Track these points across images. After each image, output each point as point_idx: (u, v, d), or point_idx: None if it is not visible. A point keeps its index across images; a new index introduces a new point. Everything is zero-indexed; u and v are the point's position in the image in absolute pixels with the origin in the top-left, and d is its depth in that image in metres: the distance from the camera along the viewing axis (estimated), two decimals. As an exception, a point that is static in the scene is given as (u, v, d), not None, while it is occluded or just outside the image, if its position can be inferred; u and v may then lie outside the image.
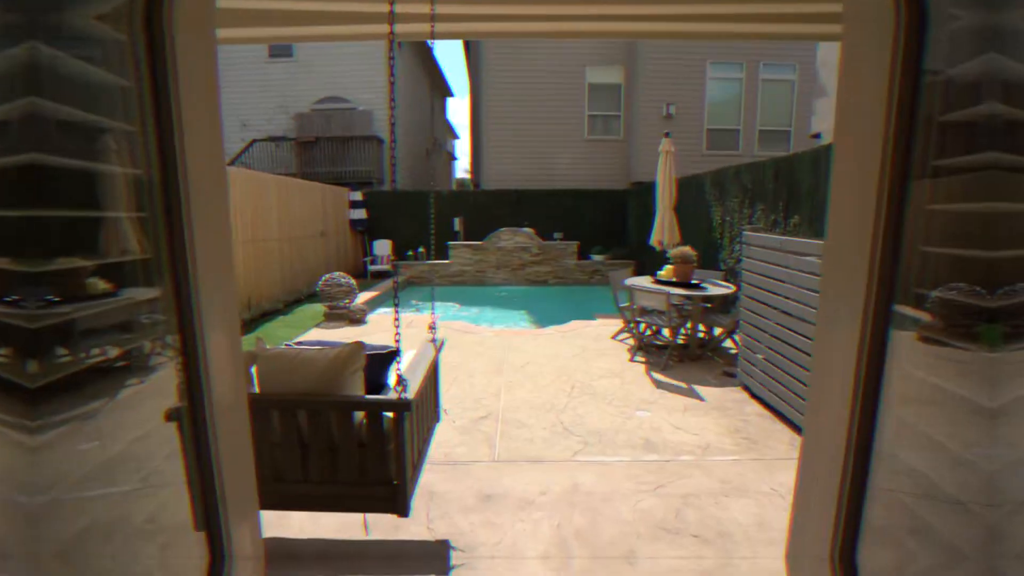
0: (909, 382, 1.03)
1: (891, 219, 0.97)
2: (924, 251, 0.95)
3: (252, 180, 7.58)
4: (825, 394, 1.17)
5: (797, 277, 3.43)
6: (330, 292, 6.87)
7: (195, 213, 1.02)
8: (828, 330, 1.16)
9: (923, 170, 0.94)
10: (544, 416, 3.74)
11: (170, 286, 1.01)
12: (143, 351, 1.07)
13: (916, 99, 0.94)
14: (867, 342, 1.01)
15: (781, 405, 3.63)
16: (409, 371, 2.02)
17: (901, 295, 0.97)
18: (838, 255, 1.15)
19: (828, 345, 1.16)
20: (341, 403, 1.66)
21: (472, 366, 4.90)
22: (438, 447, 3.25)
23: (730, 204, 6.74)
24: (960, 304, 0.87)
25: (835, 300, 1.17)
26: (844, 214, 1.12)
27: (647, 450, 3.21)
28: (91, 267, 0.87)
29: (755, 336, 4.07)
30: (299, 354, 1.72)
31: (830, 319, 1.16)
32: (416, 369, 2.05)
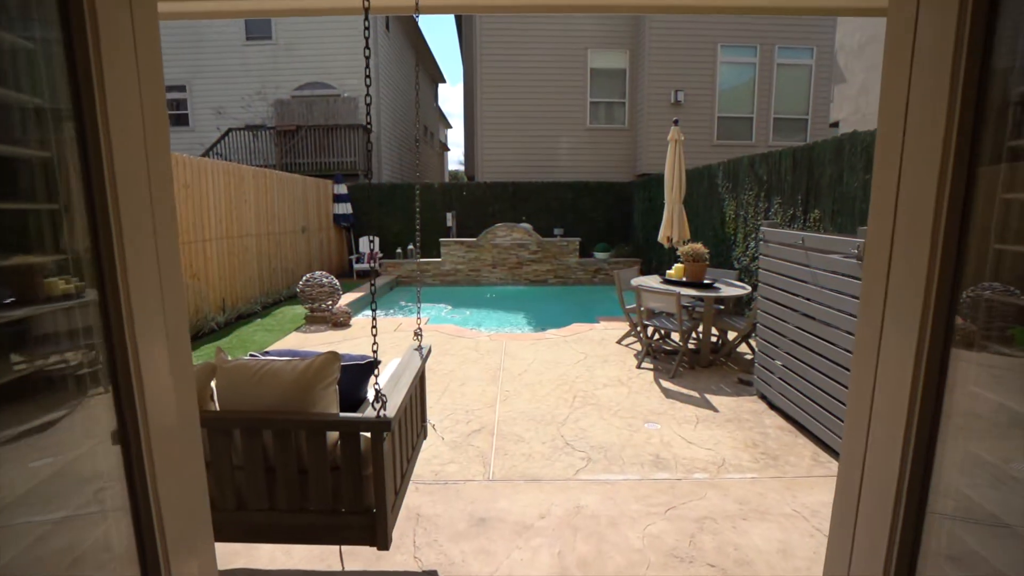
0: (975, 400, 0.93)
1: (955, 212, 0.87)
2: (999, 249, 0.85)
3: (226, 172, 7.45)
4: (873, 411, 1.07)
5: (820, 277, 3.34)
6: (311, 293, 6.75)
7: (124, 204, 0.91)
8: (870, 337, 1.06)
9: (997, 155, 0.84)
10: (543, 429, 3.64)
11: (94, 290, 0.91)
12: (69, 363, 0.96)
13: (986, 75, 0.85)
14: (925, 353, 0.91)
15: (803, 417, 3.54)
16: (391, 383, 1.91)
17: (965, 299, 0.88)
18: (881, 254, 1.05)
19: (872, 356, 1.06)
20: (311, 422, 1.55)
21: (465, 374, 4.80)
22: (427, 464, 3.15)
23: (744, 197, 6.65)
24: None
25: (877, 306, 1.06)
26: (893, 208, 1.01)
27: (657, 467, 3.11)
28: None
29: (773, 341, 3.98)
30: (264, 366, 1.61)
31: (874, 326, 1.06)
32: (399, 381, 1.94)
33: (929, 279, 0.89)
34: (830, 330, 3.24)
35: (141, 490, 1.01)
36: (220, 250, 7.27)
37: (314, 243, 10.81)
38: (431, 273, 11.06)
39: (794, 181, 5.62)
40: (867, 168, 4.54)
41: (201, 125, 14.39)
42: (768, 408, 4.00)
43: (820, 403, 3.34)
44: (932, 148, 0.91)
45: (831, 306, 3.23)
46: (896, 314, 0.97)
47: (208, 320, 6.67)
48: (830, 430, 3.21)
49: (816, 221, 5.23)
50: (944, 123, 0.90)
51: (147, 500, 1.01)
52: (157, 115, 1.07)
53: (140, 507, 1.01)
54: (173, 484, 1.08)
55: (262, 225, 8.55)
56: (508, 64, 13.00)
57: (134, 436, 0.96)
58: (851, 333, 3.00)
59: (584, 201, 12.39)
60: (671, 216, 6.33)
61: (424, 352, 2.37)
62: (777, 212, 5.87)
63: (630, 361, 5.16)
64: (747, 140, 12.84)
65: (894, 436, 0.97)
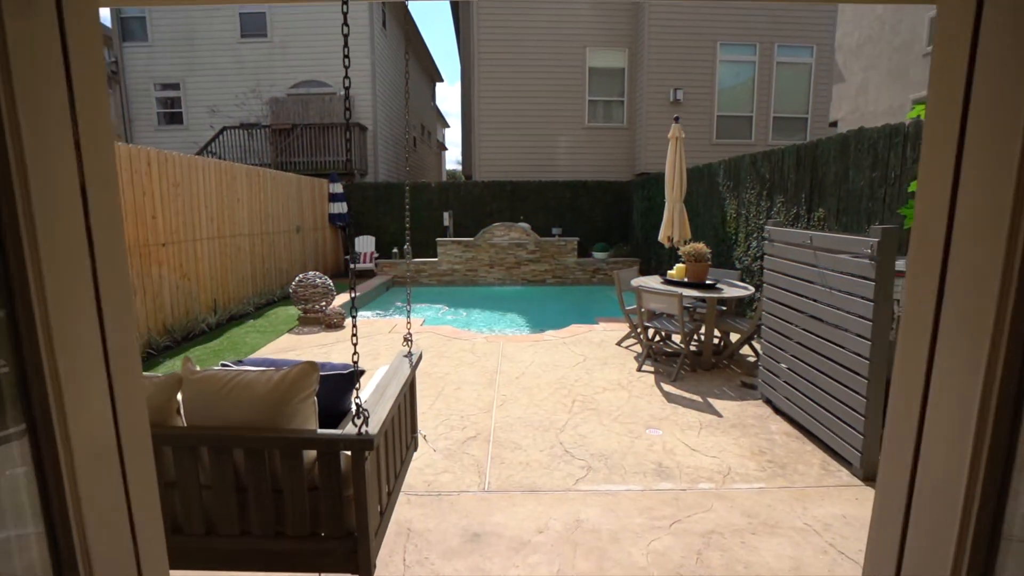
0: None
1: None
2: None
3: (218, 170, 7.29)
4: (925, 431, 0.93)
5: (829, 278, 3.20)
6: (304, 294, 6.60)
7: (38, 203, 0.77)
8: (915, 348, 0.92)
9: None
10: (541, 436, 3.50)
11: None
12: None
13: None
14: (1000, 368, 0.77)
15: (810, 422, 3.41)
16: (376, 394, 1.77)
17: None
18: (931, 252, 0.91)
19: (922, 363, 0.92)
20: (286, 440, 1.41)
21: (460, 377, 4.65)
22: (419, 473, 3.00)
23: (745, 196, 6.52)
24: None
25: (920, 315, 0.92)
26: (947, 208, 0.87)
27: (660, 476, 2.97)
28: None
29: (778, 344, 3.85)
30: (234, 377, 1.47)
31: (922, 336, 0.91)
32: (385, 391, 1.80)
33: (1006, 280, 0.75)
34: (839, 333, 3.11)
35: (61, 522, 0.86)
36: (212, 250, 7.11)
37: (309, 243, 10.65)
38: (427, 273, 10.91)
39: (797, 179, 5.49)
40: (874, 166, 4.41)
41: (195, 124, 14.21)
42: (773, 413, 3.87)
43: (828, 408, 3.21)
44: (1008, 134, 0.77)
45: (840, 308, 3.10)
46: (958, 320, 0.83)
47: (199, 321, 6.51)
48: (840, 437, 3.07)
49: (820, 220, 5.10)
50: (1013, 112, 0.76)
51: (68, 533, 0.87)
52: (92, 96, 0.92)
53: (60, 542, 0.87)
54: (107, 511, 0.94)
55: (255, 224, 8.39)
56: (506, 61, 12.85)
57: (51, 464, 0.82)
58: (863, 336, 2.87)
59: (582, 200, 12.25)
60: (671, 215, 6.20)
61: (414, 358, 2.23)
62: (780, 211, 5.73)
63: (630, 364, 5.02)
64: (747, 139, 12.72)
65: (957, 458, 0.84)
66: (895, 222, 4.16)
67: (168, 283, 6.14)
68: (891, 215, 4.24)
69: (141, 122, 14.31)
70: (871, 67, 19.58)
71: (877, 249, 2.74)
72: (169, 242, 6.19)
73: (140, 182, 5.70)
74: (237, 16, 13.86)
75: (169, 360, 5.38)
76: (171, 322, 6.15)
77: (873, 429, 2.85)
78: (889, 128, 4.27)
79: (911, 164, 4.02)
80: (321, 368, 1.82)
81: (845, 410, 3.02)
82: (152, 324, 5.82)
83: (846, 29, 20.01)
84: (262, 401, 1.44)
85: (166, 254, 6.13)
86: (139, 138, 14.15)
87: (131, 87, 14.21)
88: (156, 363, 5.27)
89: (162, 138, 14.12)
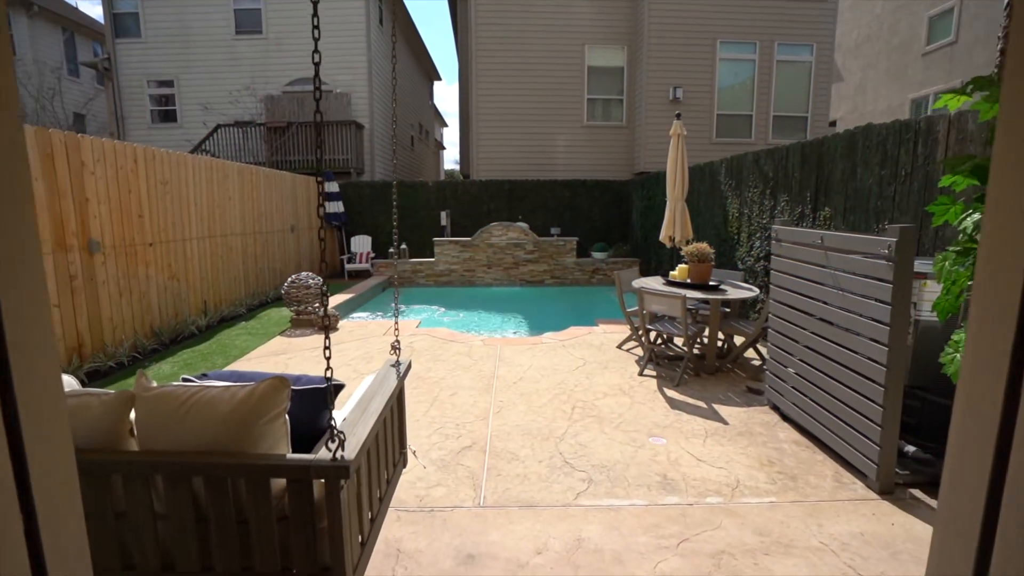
0: None
1: None
2: None
3: (209, 168, 7.11)
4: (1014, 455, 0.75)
5: (842, 279, 3.04)
6: (296, 295, 6.42)
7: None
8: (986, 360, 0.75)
9: None
10: (540, 445, 3.33)
11: None
12: None
13: None
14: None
15: (820, 430, 3.25)
16: (357, 411, 1.60)
17: None
18: (1006, 257, 0.73)
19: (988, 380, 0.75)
20: (251, 467, 1.24)
21: (456, 382, 4.48)
22: (411, 487, 2.83)
23: (748, 195, 6.36)
24: None
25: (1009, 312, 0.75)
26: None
27: (665, 490, 2.81)
28: None
29: (785, 347, 3.68)
30: (194, 395, 1.30)
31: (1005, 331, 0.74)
32: (368, 407, 1.63)
33: None
34: (852, 337, 2.95)
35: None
36: (202, 250, 6.92)
37: (304, 242, 10.46)
38: (424, 274, 10.73)
39: (802, 177, 5.33)
40: (883, 163, 4.25)
41: (189, 122, 14.00)
42: (781, 420, 3.71)
43: (840, 416, 3.05)
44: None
45: (853, 311, 2.93)
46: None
47: (188, 324, 6.32)
48: (853, 447, 2.91)
49: (827, 219, 4.94)
50: None
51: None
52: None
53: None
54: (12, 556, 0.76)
55: (248, 224, 8.20)
56: (504, 58, 12.68)
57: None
58: (879, 342, 2.70)
59: (581, 200, 12.08)
60: (673, 214, 6.03)
61: (402, 368, 2.06)
62: (784, 210, 5.57)
63: (631, 367, 4.85)
64: (746, 138, 12.57)
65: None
66: (906, 221, 4.00)
67: (156, 284, 5.95)
68: (901, 214, 4.08)
69: (134, 120, 14.09)
70: (869, 66, 19.47)
71: (895, 249, 2.57)
72: (157, 242, 6.01)
73: (126, 179, 5.51)
74: (232, 12, 13.66)
75: (156, 364, 5.20)
76: (159, 324, 5.96)
77: (890, 440, 2.69)
78: (899, 124, 4.11)
79: (923, 162, 3.87)
80: (296, 382, 1.65)
81: (859, 419, 2.86)
82: (139, 326, 5.63)
83: (845, 28, 19.90)
84: (225, 422, 1.27)
85: (154, 254, 5.94)
86: (132, 136, 13.94)
87: (124, 84, 14.00)
88: (141, 367, 5.09)
89: (156, 136, 13.91)
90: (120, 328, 5.36)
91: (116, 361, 5.06)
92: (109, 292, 5.22)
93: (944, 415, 2.80)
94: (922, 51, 16.49)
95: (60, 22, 17.65)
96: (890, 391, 2.66)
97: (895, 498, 2.69)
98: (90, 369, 4.80)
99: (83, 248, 4.90)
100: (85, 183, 4.93)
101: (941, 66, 15.72)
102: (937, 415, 2.85)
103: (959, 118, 3.55)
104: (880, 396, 2.69)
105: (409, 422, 3.67)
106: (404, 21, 16.94)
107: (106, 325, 5.17)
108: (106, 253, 5.21)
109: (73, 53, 18.17)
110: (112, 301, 5.27)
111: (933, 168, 3.76)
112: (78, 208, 4.84)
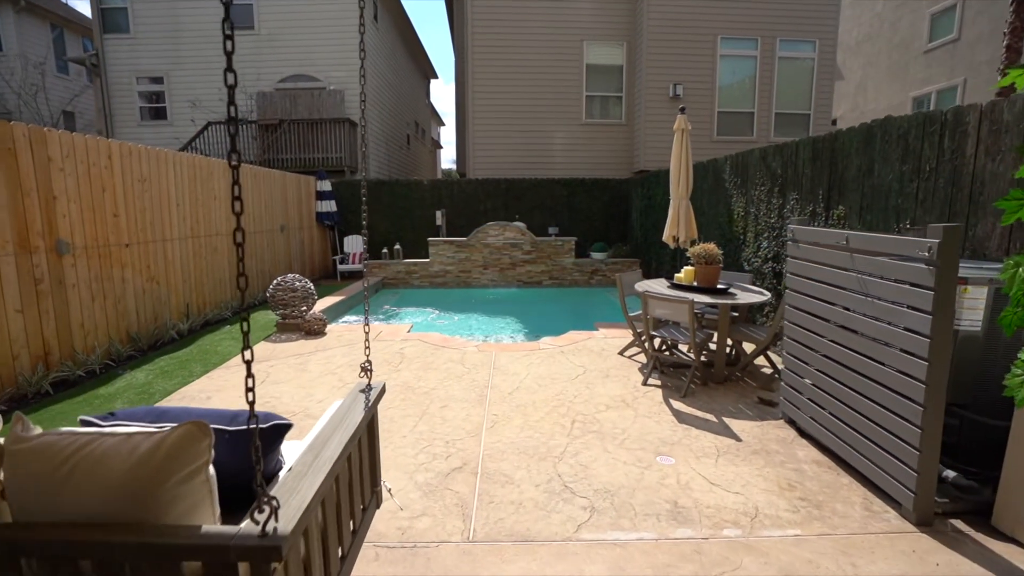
0: None
1: None
2: None
3: (191, 165, 6.77)
4: None
5: (871, 284, 2.74)
6: (283, 298, 6.09)
7: None
8: None
9: None
10: (537, 467, 3.02)
11: None
12: None
13: None
14: None
15: (843, 449, 2.94)
16: (310, 454, 1.29)
17: None
18: None
19: None
20: (152, 548, 0.93)
21: (447, 393, 4.17)
22: (392, 518, 2.52)
23: (754, 193, 6.06)
24: None
25: None
26: None
27: (676, 520, 2.50)
28: None
29: (803, 357, 3.38)
30: (84, 446, 0.98)
31: None
32: (325, 447, 1.32)
33: None
34: (882, 348, 2.64)
35: None
36: (184, 251, 6.59)
37: (295, 243, 10.12)
38: (418, 275, 10.40)
39: (814, 174, 5.03)
40: (904, 158, 3.95)
41: (180, 119, 13.64)
42: (798, 436, 3.41)
43: (868, 435, 2.74)
44: None
45: (884, 320, 2.63)
46: None
47: (168, 328, 5.99)
48: (884, 471, 2.60)
49: (840, 218, 4.64)
50: None
51: None
52: None
53: None
54: None
55: (234, 223, 7.85)
56: (501, 55, 12.35)
57: None
58: (918, 355, 2.40)
59: (580, 199, 11.77)
60: (677, 213, 5.73)
61: (373, 395, 1.75)
62: (794, 209, 5.27)
63: (634, 376, 4.55)
64: (748, 136, 12.28)
65: None
66: (931, 220, 3.70)
67: (133, 287, 5.62)
68: (925, 212, 3.78)
69: (123, 117, 13.72)
70: (870, 64, 19.20)
71: (937, 252, 2.27)
72: (134, 242, 5.67)
73: (99, 176, 5.18)
74: (223, 7, 13.27)
75: (131, 372, 4.87)
76: (136, 329, 5.63)
77: (930, 465, 2.38)
78: (922, 116, 3.81)
79: (949, 156, 3.57)
80: (232, 421, 1.33)
81: (892, 440, 2.56)
82: (114, 332, 5.30)
83: (845, 27, 19.62)
84: (124, 484, 0.96)
85: (130, 255, 5.61)
86: (121, 134, 13.57)
87: (112, 81, 13.62)
88: (114, 376, 4.76)
89: (145, 134, 13.54)
90: (92, 334, 5.03)
91: (87, 369, 4.73)
92: (80, 296, 4.89)
93: (988, 436, 2.50)
94: (924, 48, 16.22)
95: (49, 18, 17.24)
96: (930, 411, 2.35)
97: (935, 531, 2.39)
98: (57, 378, 4.48)
99: (50, 249, 4.57)
100: (53, 180, 4.60)
101: (943, 63, 15.46)
102: (979, 436, 2.55)
103: (992, 108, 3.26)
104: (918, 416, 2.38)
105: (395, 439, 3.36)
106: (399, 17, 16.60)
107: (77, 331, 4.84)
108: (76, 255, 4.87)
109: (63, 50, 17.77)
110: (84, 305, 4.94)
111: (962, 162, 3.46)
112: (44, 206, 4.51)
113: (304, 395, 4.17)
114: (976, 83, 14.33)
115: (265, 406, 3.98)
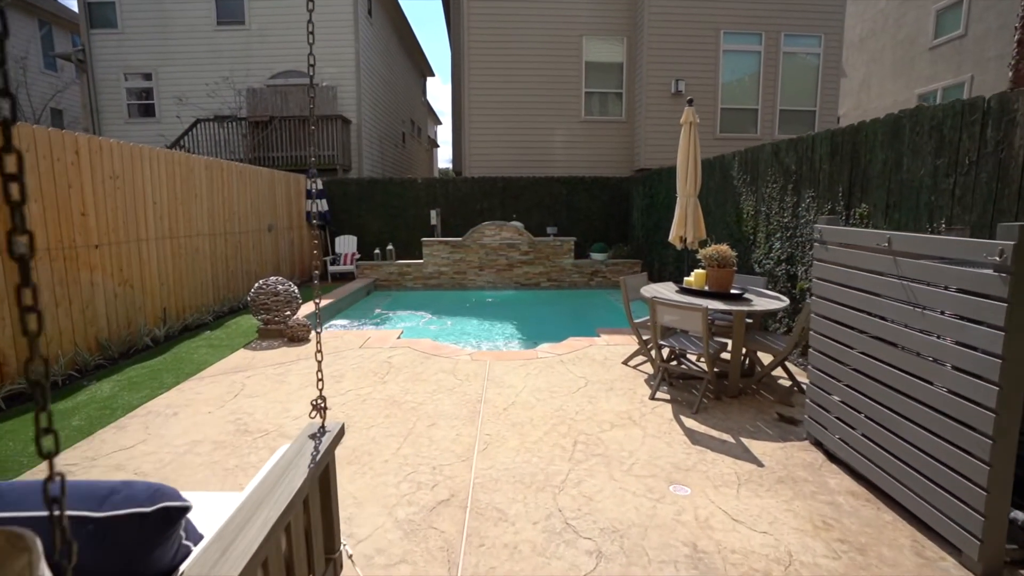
0: None
1: None
2: None
3: (170, 161, 6.38)
4: None
5: (920, 293, 2.37)
6: (264, 303, 5.71)
7: None
8: None
9: None
10: (535, 498, 2.65)
11: None
12: None
13: None
14: None
15: (884, 480, 2.58)
16: (218, 544, 0.92)
17: None
18: None
19: None
20: None
21: (436, 408, 3.79)
22: (368, 565, 2.15)
23: (766, 191, 5.69)
24: None
25: None
26: None
27: (697, 570, 2.13)
28: None
29: (832, 372, 3.02)
30: None
31: None
32: (239, 536, 0.95)
33: None
34: (937, 368, 2.28)
35: None
36: (162, 252, 6.20)
37: (283, 243, 9.73)
38: (412, 276, 10.02)
39: (832, 170, 4.66)
40: (939, 151, 3.59)
41: (168, 116, 13.24)
42: (827, 460, 3.04)
43: (913, 464, 2.38)
44: None
45: (938, 334, 2.26)
46: None
47: (142, 335, 5.60)
48: (940, 511, 2.23)
49: (864, 217, 4.28)
50: None
51: None
52: None
53: None
54: None
55: (218, 223, 7.47)
56: (498, 50, 11.97)
57: None
58: (986, 379, 2.03)
59: (579, 198, 11.39)
60: (684, 212, 5.36)
61: (325, 442, 1.37)
62: (810, 207, 4.91)
63: (641, 389, 4.18)
64: (752, 133, 11.92)
65: None
66: (970, 218, 3.34)
67: (103, 291, 5.23)
68: (963, 211, 3.41)
69: (110, 114, 13.31)
70: (874, 61, 18.85)
71: (1012, 256, 1.90)
72: (104, 243, 5.28)
73: (64, 173, 4.79)
74: (213, 2, 12.90)
75: (96, 383, 4.48)
76: (106, 336, 5.24)
77: (999, 508, 2.02)
78: (961, 104, 3.44)
79: (993, 148, 3.20)
80: (106, 501, 0.95)
81: (950, 476, 2.19)
82: (80, 339, 4.91)
83: (848, 23, 19.26)
84: None
85: (100, 257, 5.22)
86: (108, 131, 13.16)
87: (99, 77, 13.21)
88: (77, 388, 4.37)
89: (133, 131, 13.14)
90: (56, 342, 4.65)
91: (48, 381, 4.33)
92: (42, 301, 4.50)
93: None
94: (929, 45, 15.88)
95: (36, 13, 16.81)
96: (1000, 444, 1.98)
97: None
98: (11, 392, 4.09)
99: (5, 251, 4.17)
100: (8, 176, 4.20)
101: (950, 60, 15.12)
102: (1050, 470, 2.18)
103: (1047, 93, 2.89)
104: (986, 451, 2.01)
105: (376, 464, 2.98)
106: (395, 12, 16.21)
107: (36, 340, 4.44)
108: (38, 257, 4.48)
109: (51, 46, 17.34)
110: (46, 311, 4.54)
111: (1009, 155, 3.09)
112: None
113: (280, 411, 3.79)
114: (984, 79, 13.99)
115: (236, 423, 3.60)
